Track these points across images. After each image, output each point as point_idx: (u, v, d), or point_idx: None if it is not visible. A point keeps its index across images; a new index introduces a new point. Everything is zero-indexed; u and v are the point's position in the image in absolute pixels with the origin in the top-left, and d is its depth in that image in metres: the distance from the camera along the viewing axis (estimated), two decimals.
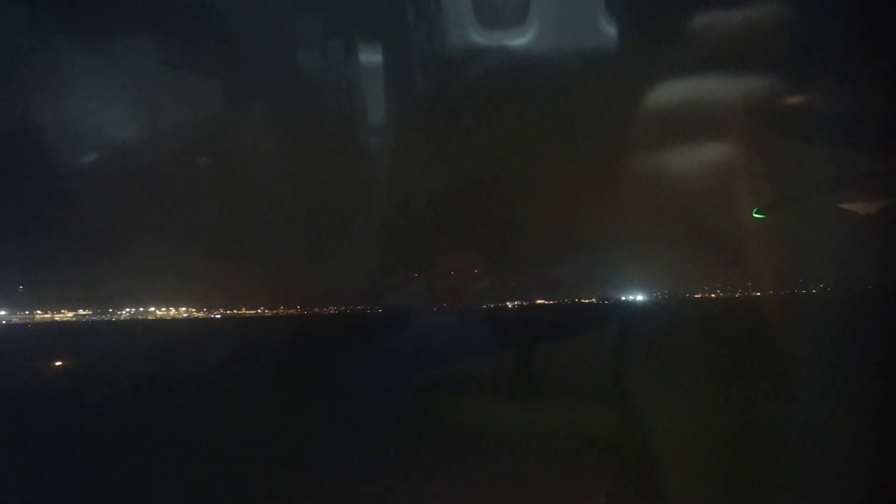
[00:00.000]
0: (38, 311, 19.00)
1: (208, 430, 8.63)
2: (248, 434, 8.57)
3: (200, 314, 18.94)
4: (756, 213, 6.21)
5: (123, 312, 19.57)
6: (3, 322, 18.50)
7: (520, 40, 7.35)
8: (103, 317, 19.60)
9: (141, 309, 19.20)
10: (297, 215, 9.07)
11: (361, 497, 6.21)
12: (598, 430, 7.77)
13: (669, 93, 6.19)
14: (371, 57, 7.80)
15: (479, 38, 7.34)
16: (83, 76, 8.33)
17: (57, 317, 19.57)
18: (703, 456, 6.72)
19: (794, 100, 5.93)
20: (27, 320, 18.96)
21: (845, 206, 6.19)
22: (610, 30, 7.20)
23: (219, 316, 19.16)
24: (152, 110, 8.65)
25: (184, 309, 18.50)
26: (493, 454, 7.16)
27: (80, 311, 19.39)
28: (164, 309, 18.81)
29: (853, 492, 5.43)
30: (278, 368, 11.46)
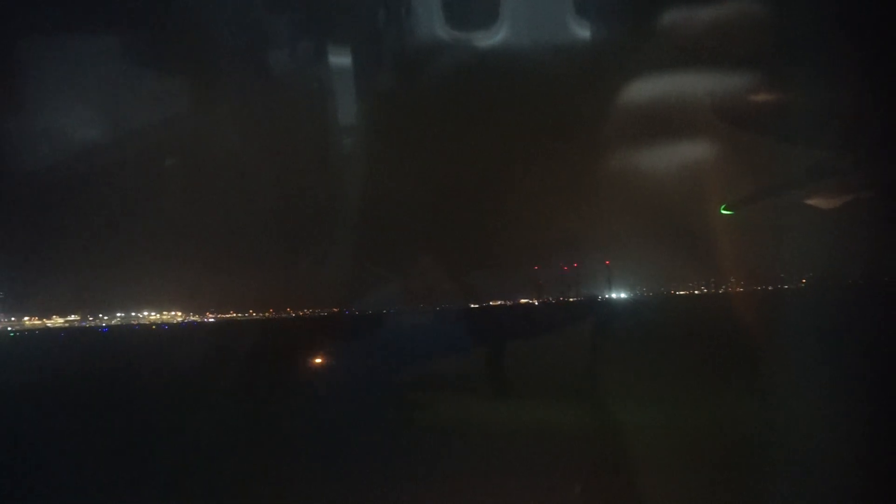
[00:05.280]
0: (27, 318, 19.01)
1: (192, 434, 8.67)
2: (229, 437, 8.63)
3: (194, 318, 18.97)
4: (724, 209, 6.22)
5: (115, 317, 19.59)
6: None
7: (490, 40, 7.36)
8: (92, 323, 19.61)
9: (133, 314, 19.22)
10: (269, 218, 9.06)
11: (341, 496, 6.27)
12: (576, 427, 7.80)
13: (639, 91, 6.21)
14: (342, 58, 7.80)
15: (450, 37, 7.35)
16: (67, 83, 8.34)
17: (48, 323, 19.59)
18: (682, 453, 6.73)
19: (761, 97, 5.94)
20: (16, 327, 18.97)
21: (812, 201, 6.19)
22: (580, 29, 7.24)
23: (212, 320, 19.19)
24: (125, 113, 8.65)
25: (173, 313, 18.53)
26: (473, 452, 7.19)
27: (71, 317, 19.39)
28: (153, 314, 18.83)
29: (828, 491, 5.44)
30: (257, 371, 11.49)
